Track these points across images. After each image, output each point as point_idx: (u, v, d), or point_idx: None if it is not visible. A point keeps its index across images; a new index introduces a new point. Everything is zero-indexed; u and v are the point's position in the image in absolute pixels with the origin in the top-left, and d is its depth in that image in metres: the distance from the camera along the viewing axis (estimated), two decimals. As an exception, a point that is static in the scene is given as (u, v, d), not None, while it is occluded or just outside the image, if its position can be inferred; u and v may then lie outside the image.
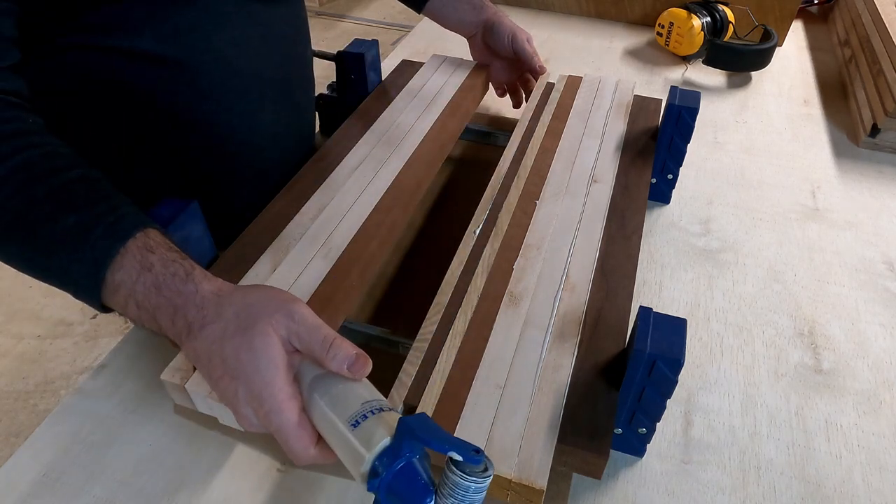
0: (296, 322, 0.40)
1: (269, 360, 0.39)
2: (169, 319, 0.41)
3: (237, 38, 0.62)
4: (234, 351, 0.39)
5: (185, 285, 0.42)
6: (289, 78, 0.71)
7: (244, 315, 0.40)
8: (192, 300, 0.41)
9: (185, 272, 0.42)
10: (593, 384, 0.48)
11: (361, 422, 0.37)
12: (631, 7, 1.22)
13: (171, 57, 0.58)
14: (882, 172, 0.88)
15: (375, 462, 0.35)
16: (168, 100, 0.60)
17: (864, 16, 1.09)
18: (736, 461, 0.53)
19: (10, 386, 1.60)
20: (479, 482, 0.34)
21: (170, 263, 0.42)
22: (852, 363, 0.62)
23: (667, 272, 0.71)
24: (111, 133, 0.60)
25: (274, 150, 0.71)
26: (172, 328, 0.42)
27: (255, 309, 0.40)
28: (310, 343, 0.40)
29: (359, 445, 0.36)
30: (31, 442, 0.53)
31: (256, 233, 0.60)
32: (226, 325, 0.40)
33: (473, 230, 0.61)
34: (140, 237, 0.43)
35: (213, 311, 0.41)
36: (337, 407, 0.39)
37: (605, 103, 0.80)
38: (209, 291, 0.42)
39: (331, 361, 0.40)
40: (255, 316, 0.40)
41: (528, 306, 0.53)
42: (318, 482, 0.51)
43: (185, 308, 0.41)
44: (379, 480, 0.34)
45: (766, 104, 1.02)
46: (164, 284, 0.41)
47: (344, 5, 3.48)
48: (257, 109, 0.67)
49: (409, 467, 0.35)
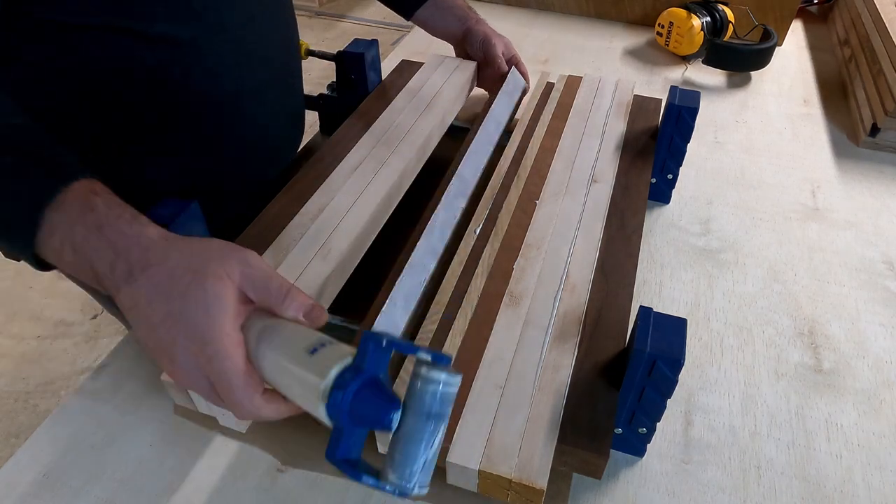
0: (251, 267, 0.38)
1: (218, 302, 0.37)
2: (108, 264, 0.38)
3: (246, 18, 0.63)
4: (181, 291, 0.37)
5: (131, 227, 0.39)
6: (287, 59, 0.73)
7: (196, 258, 0.38)
8: (137, 242, 0.39)
9: (132, 215, 0.40)
10: (593, 384, 0.48)
11: (319, 349, 0.35)
12: (631, 7, 1.22)
13: (185, 38, 0.58)
14: (882, 172, 0.88)
15: (337, 379, 0.33)
16: (181, 81, 0.60)
17: (864, 15, 1.09)
18: (736, 461, 0.53)
19: (10, 386, 1.60)
20: (450, 377, 0.32)
21: (114, 206, 0.40)
22: (852, 363, 0.62)
23: (667, 272, 0.71)
24: (121, 116, 0.61)
25: (276, 128, 0.74)
26: (111, 275, 0.38)
27: (208, 253, 0.38)
28: (265, 289, 0.38)
29: (316, 368, 0.34)
30: (31, 442, 0.53)
31: (256, 233, 0.60)
32: (174, 267, 0.38)
33: (474, 230, 0.61)
34: (84, 181, 0.41)
35: (161, 252, 0.38)
36: (291, 344, 0.36)
37: (604, 103, 0.80)
38: (156, 234, 0.40)
39: (287, 308, 0.38)
40: (207, 258, 0.38)
41: (528, 306, 0.53)
42: (318, 482, 0.51)
43: (127, 251, 0.38)
44: (342, 394, 0.32)
45: (766, 104, 1.02)
46: (107, 225, 0.39)
47: (344, 5, 3.48)
48: (264, 88, 0.68)
49: (374, 380, 0.33)
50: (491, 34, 0.86)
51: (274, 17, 0.69)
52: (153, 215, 0.53)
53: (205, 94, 0.63)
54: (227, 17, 0.61)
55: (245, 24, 0.64)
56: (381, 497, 0.50)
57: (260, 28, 0.66)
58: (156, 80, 0.59)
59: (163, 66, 0.58)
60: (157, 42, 0.57)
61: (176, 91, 0.61)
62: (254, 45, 0.65)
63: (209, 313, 0.36)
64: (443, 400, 0.32)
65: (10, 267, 1.85)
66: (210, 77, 0.62)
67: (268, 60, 0.68)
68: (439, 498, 0.49)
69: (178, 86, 0.60)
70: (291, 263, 0.56)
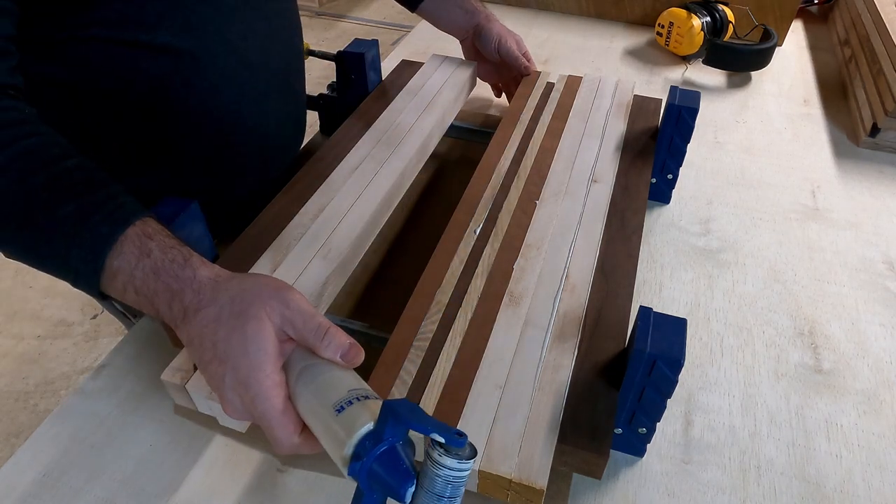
0: (291, 309, 0.40)
1: (259, 346, 0.39)
2: (166, 304, 0.42)
3: (246, 30, 0.63)
4: (226, 334, 0.39)
5: (183, 270, 0.42)
6: (288, 68, 0.73)
7: (239, 300, 0.40)
8: (190, 285, 0.41)
9: (184, 258, 0.43)
10: (593, 384, 0.48)
11: (346, 407, 0.37)
12: (631, 7, 1.22)
13: (187, 49, 0.58)
14: (882, 172, 0.88)
15: (357, 446, 0.35)
16: (182, 91, 0.60)
17: (864, 15, 1.09)
18: (736, 461, 0.53)
19: (10, 386, 1.60)
20: (461, 463, 0.33)
21: (168, 250, 0.43)
22: (852, 363, 0.62)
23: (667, 272, 0.71)
24: (122, 125, 0.61)
25: (277, 137, 0.73)
26: (169, 313, 0.42)
27: (250, 294, 0.40)
28: (304, 330, 0.40)
29: (341, 430, 0.36)
30: (31, 442, 0.53)
31: (256, 233, 0.60)
32: (220, 309, 0.40)
33: (474, 230, 0.61)
34: (139, 224, 0.43)
35: (210, 295, 0.41)
36: (323, 394, 0.38)
37: (605, 103, 0.80)
38: (206, 277, 0.42)
39: (325, 349, 0.40)
40: (249, 301, 0.40)
41: (529, 306, 0.53)
42: (318, 482, 0.51)
43: (182, 293, 0.41)
44: (361, 464, 0.34)
45: (766, 104, 1.02)
46: (163, 269, 0.42)
47: (344, 5, 3.48)
48: (264, 99, 0.69)
49: (392, 451, 0.34)
50: (505, 34, 0.85)
51: (277, 26, 0.69)
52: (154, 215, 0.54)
53: (206, 103, 0.63)
54: (228, 28, 0.61)
55: (247, 35, 0.64)
56: (381, 497, 0.50)
57: (262, 38, 0.66)
58: (157, 90, 0.59)
59: (164, 77, 0.59)
60: (159, 53, 0.57)
61: (177, 100, 0.61)
62: (256, 55, 0.65)
63: (249, 357, 0.39)
64: (454, 485, 0.33)
65: (11, 267, 1.85)
66: (211, 87, 0.62)
67: (270, 69, 0.68)
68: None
69: (179, 95, 0.60)
70: (291, 263, 0.56)
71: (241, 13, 0.63)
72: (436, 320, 0.52)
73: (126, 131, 0.62)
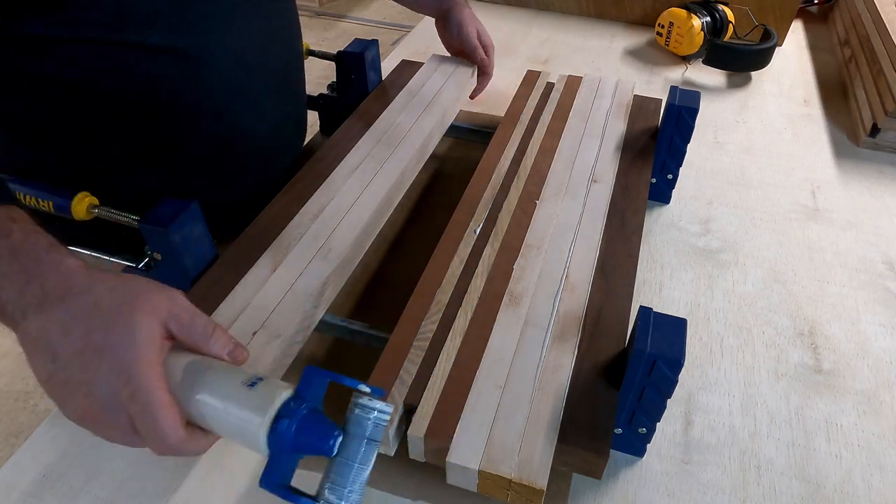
0: (178, 305, 0.39)
1: (146, 337, 0.36)
2: (17, 289, 0.37)
3: (244, 29, 0.63)
4: (106, 322, 0.36)
5: (48, 255, 0.39)
6: (288, 68, 0.72)
7: (122, 291, 0.38)
8: (55, 268, 0.38)
9: (49, 243, 0.39)
10: (593, 384, 0.48)
11: (258, 383, 0.37)
12: (631, 7, 1.22)
13: (183, 49, 0.58)
14: (882, 172, 0.88)
15: (282, 408, 0.36)
16: (178, 91, 0.60)
17: (864, 16, 1.09)
18: (736, 461, 0.53)
19: (10, 386, 1.60)
20: (387, 406, 0.36)
21: (32, 234, 0.39)
22: (852, 363, 0.62)
23: (667, 272, 0.71)
24: (119, 126, 0.61)
25: (276, 137, 0.73)
26: (19, 299, 0.37)
27: (135, 287, 0.38)
28: (190, 327, 0.39)
29: (259, 398, 0.36)
30: (31, 442, 0.53)
31: (256, 233, 0.60)
32: (99, 298, 0.37)
33: (474, 230, 0.61)
34: (2, 209, 0.40)
35: (83, 282, 0.38)
36: (228, 376, 0.38)
37: (604, 103, 0.80)
38: (76, 265, 0.39)
39: (213, 345, 0.39)
40: (134, 293, 0.38)
41: (529, 306, 0.53)
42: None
43: (43, 276, 0.38)
44: (287, 422, 0.35)
45: (766, 104, 1.02)
46: (23, 251, 0.38)
47: (344, 5, 3.48)
48: (263, 99, 0.68)
49: (316, 411, 0.37)
50: (467, 21, 0.84)
51: (277, 26, 0.68)
52: (153, 215, 0.54)
53: (202, 103, 0.62)
54: (226, 27, 0.61)
55: (243, 36, 0.63)
56: (380, 497, 0.50)
57: (261, 38, 0.66)
58: (154, 90, 0.59)
59: (160, 76, 0.59)
60: (155, 53, 0.57)
61: (174, 101, 0.60)
62: (254, 55, 0.65)
63: (136, 347, 0.36)
64: (377, 426, 0.36)
65: (10, 267, 1.85)
66: (208, 87, 0.62)
67: (269, 70, 0.68)
68: (439, 499, 0.49)
69: (176, 95, 0.60)
70: (291, 263, 0.56)
71: (242, 9, 0.62)
72: (436, 320, 0.52)
73: (125, 131, 0.61)
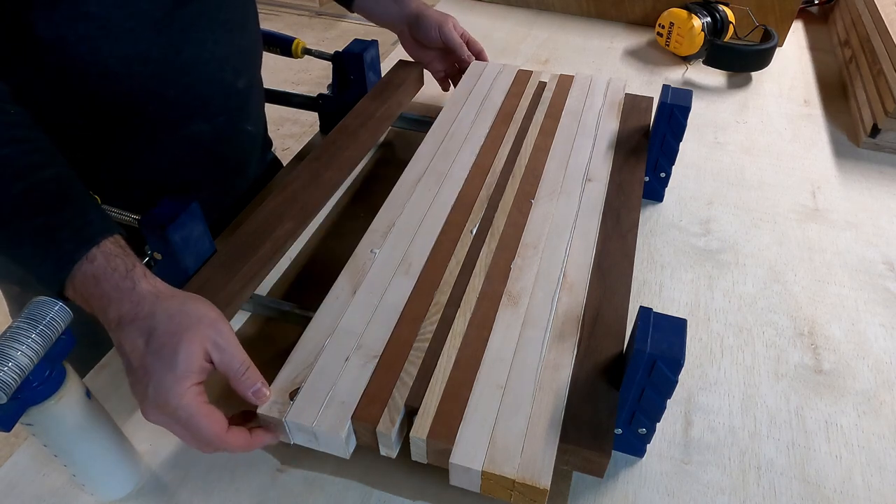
0: (223, 338, 0.44)
1: (184, 365, 0.42)
2: (101, 311, 0.44)
3: (199, 43, 0.62)
4: (156, 349, 0.42)
5: (124, 281, 0.44)
6: (243, 85, 0.71)
7: (177, 320, 0.43)
8: (129, 296, 0.44)
9: (126, 269, 0.45)
10: (594, 383, 0.48)
11: None
12: (631, 7, 1.22)
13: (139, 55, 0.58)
14: (882, 173, 0.88)
15: None
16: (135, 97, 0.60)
17: (864, 16, 1.09)
18: (736, 461, 0.53)
19: (9, 386, 1.60)
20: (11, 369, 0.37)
21: (113, 258, 0.45)
22: (852, 363, 0.62)
23: (667, 272, 0.71)
24: (114, 126, 0.61)
25: (231, 148, 0.73)
26: (104, 317, 0.44)
27: (188, 318, 0.44)
28: (229, 361, 0.44)
29: None
30: (31, 442, 0.53)
31: (251, 232, 0.60)
32: (157, 324, 0.43)
33: (470, 230, 0.61)
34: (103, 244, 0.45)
35: (148, 308, 0.44)
36: None
37: (596, 102, 0.80)
38: (146, 290, 0.44)
39: (243, 381, 0.45)
40: (185, 324, 0.43)
41: (527, 306, 0.53)
42: (318, 482, 0.51)
43: (119, 302, 0.44)
44: None
45: (767, 104, 1.02)
46: (103, 278, 0.44)
47: (344, 5, 3.48)
48: (217, 112, 0.68)
49: None
50: (442, 19, 0.84)
51: (231, 43, 0.66)
52: (153, 215, 0.54)
53: (153, 113, 0.62)
54: (177, 39, 0.60)
55: (199, 51, 0.62)
56: (380, 497, 0.50)
57: (213, 53, 0.64)
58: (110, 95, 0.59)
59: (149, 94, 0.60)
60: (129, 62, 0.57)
61: (128, 106, 0.60)
62: (206, 69, 0.64)
63: (174, 373, 0.42)
64: None
65: (10, 266, 1.85)
66: (156, 97, 0.61)
67: (223, 85, 0.67)
68: (440, 499, 0.49)
69: (128, 102, 0.60)
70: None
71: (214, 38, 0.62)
72: (435, 321, 0.52)
73: (114, 133, 0.62)
